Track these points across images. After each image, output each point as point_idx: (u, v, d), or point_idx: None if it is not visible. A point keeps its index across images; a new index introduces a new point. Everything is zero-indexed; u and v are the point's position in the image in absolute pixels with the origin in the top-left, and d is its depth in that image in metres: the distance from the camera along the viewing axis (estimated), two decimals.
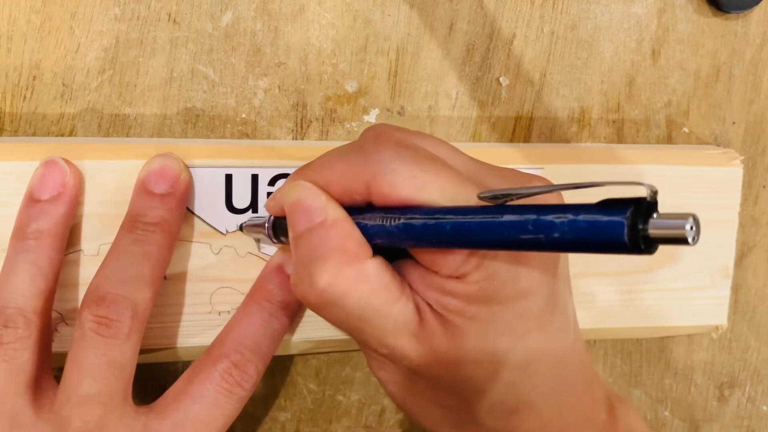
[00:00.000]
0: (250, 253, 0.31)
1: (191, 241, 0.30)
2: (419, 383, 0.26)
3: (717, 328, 0.38)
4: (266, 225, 0.29)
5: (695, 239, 0.18)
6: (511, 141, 0.36)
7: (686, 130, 0.38)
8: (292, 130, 0.33)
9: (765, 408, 0.43)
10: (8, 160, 0.29)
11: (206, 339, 0.32)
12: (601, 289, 0.35)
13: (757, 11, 0.37)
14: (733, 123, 0.39)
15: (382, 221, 0.24)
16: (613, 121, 0.37)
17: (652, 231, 0.18)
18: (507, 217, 0.21)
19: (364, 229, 0.25)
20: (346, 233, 0.25)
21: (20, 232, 0.28)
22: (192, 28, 0.31)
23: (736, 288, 0.40)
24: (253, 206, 0.31)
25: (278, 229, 0.29)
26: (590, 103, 0.36)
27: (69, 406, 0.26)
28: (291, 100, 0.33)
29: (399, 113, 0.34)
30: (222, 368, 0.28)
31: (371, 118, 0.34)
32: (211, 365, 0.28)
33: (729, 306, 0.38)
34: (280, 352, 0.32)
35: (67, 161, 0.28)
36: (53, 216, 0.28)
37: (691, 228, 0.18)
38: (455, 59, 0.34)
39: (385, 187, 0.24)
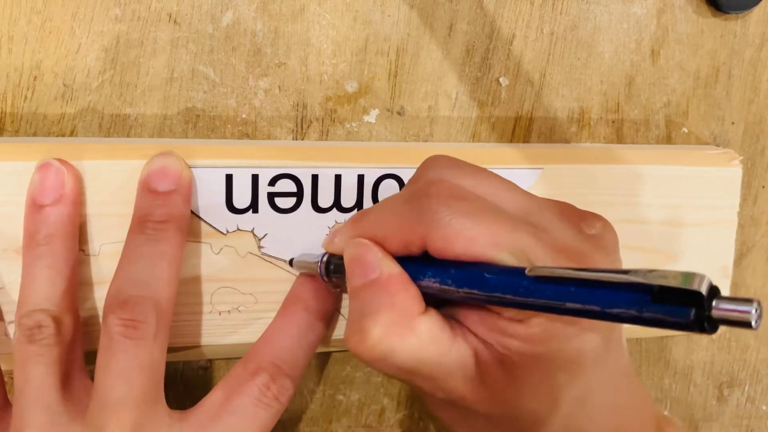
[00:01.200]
0: (251, 254, 0.31)
1: (191, 241, 0.30)
2: (479, 421, 0.27)
3: None
4: (319, 263, 0.30)
5: (758, 323, 0.19)
6: (511, 141, 0.36)
7: (685, 130, 0.38)
8: (293, 131, 0.33)
9: (764, 408, 0.43)
10: (9, 160, 0.29)
11: (207, 339, 0.32)
12: None
13: (757, 12, 0.37)
14: (733, 123, 0.39)
15: (441, 291, 0.25)
16: (613, 122, 0.37)
17: (716, 315, 0.19)
18: (570, 305, 0.21)
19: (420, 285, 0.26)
20: (399, 289, 0.25)
21: (31, 241, 0.28)
22: (192, 29, 0.31)
23: (736, 288, 0.40)
24: (253, 206, 0.31)
25: (330, 267, 0.29)
26: (590, 103, 0.36)
27: (104, 414, 0.26)
28: (291, 100, 0.33)
29: (399, 113, 0.34)
30: (260, 382, 0.28)
31: (371, 118, 0.34)
32: (249, 378, 0.28)
33: None
34: None
35: (62, 161, 0.28)
36: (60, 218, 0.28)
37: (756, 311, 0.19)
38: (455, 59, 0.34)
39: (440, 242, 0.24)
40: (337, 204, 0.32)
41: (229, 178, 0.30)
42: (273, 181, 0.31)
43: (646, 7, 0.36)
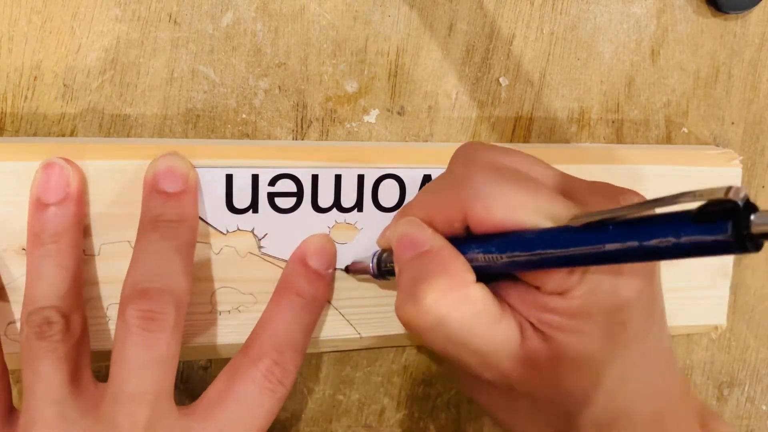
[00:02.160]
0: (251, 254, 0.31)
1: None
2: (520, 401, 0.27)
3: (716, 327, 0.38)
4: (371, 262, 0.31)
5: None
6: (511, 141, 0.36)
7: (685, 130, 0.38)
8: (293, 131, 0.33)
9: (764, 407, 0.43)
10: (9, 160, 0.29)
11: (207, 339, 0.32)
12: None
13: (756, 12, 0.37)
14: (732, 123, 0.39)
15: (486, 260, 0.25)
16: (613, 122, 0.37)
17: (756, 230, 0.18)
18: (609, 246, 0.21)
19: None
20: (453, 258, 0.25)
21: (37, 239, 0.28)
22: (192, 29, 0.31)
23: (735, 288, 0.40)
24: (254, 206, 0.31)
25: (382, 264, 0.30)
26: (590, 103, 0.36)
27: (116, 407, 0.26)
28: (291, 100, 0.33)
29: (399, 113, 0.34)
30: (263, 367, 0.28)
31: (371, 118, 0.34)
32: (251, 365, 0.28)
33: (728, 306, 0.38)
34: None
35: (66, 160, 0.28)
36: (66, 217, 0.28)
37: None
38: (455, 59, 0.34)
39: (480, 211, 0.25)
40: (337, 204, 0.32)
41: (229, 178, 0.30)
42: (273, 181, 0.31)
43: (646, 7, 0.36)
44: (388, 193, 0.32)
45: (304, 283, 0.31)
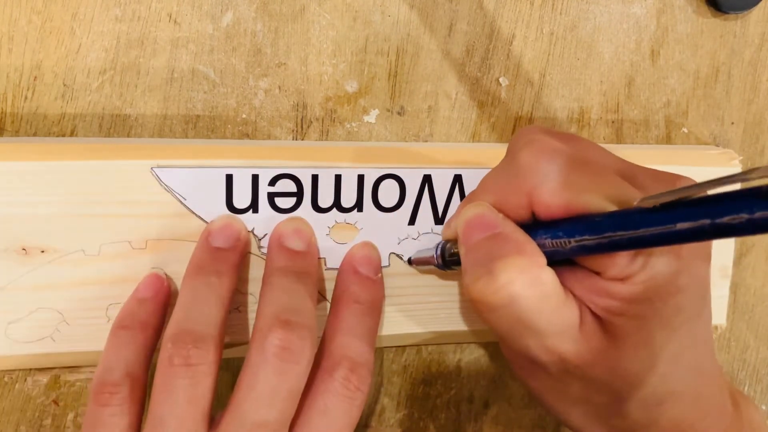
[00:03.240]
0: (251, 254, 0.31)
1: (192, 241, 0.30)
2: (572, 384, 0.27)
3: (716, 327, 0.38)
4: (435, 253, 0.31)
5: None
6: None
7: (685, 130, 0.38)
8: (293, 131, 0.33)
9: (764, 407, 0.43)
10: (9, 160, 0.29)
11: None
12: None
13: (756, 12, 0.37)
14: (732, 123, 0.39)
15: (553, 246, 0.25)
16: (613, 122, 0.37)
17: None
18: (681, 226, 0.21)
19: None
20: (524, 241, 0.26)
21: (201, 270, 0.29)
22: (192, 29, 0.31)
23: (735, 287, 0.40)
24: (254, 206, 0.31)
25: (446, 254, 0.30)
26: (589, 103, 0.36)
27: None
28: (291, 100, 0.33)
29: (399, 113, 0.34)
30: (340, 376, 0.28)
31: (371, 118, 0.34)
32: (327, 376, 0.28)
33: (728, 305, 0.38)
34: None
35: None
36: (231, 262, 0.29)
37: None
38: (455, 59, 0.34)
39: (546, 195, 0.25)
40: (337, 204, 0.32)
41: (229, 178, 0.30)
42: (273, 181, 0.31)
43: (646, 7, 0.36)
44: (388, 193, 0.32)
45: (359, 290, 0.31)
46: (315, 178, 0.31)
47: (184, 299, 0.28)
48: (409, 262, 0.33)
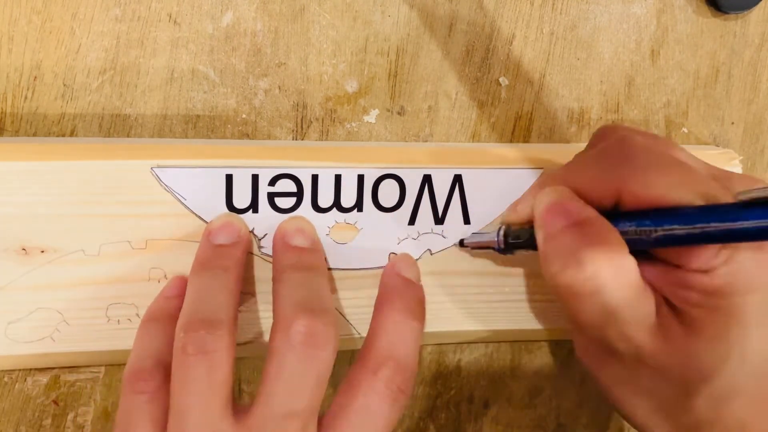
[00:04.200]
0: (251, 254, 0.31)
1: (192, 241, 0.30)
2: (643, 375, 0.27)
3: None
4: (497, 236, 0.31)
5: None
6: (511, 141, 0.36)
7: (685, 130, 0.38)
8: (293, 131, 0.33)
9: None
10: (9, 160, 0.29)
11: None
12: None
13: (756, 12, 0.37)
14: (732, 123, 0.39)
15: (636, 234, 0.25)
16: (613, 122, 0.37)
17: None
18: None
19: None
20: (609, 230, 0.26)
21: (206, 265, 0.29)
22: (192, 29, 0.31)
23: None
24: (254, 206, 0.31)
25: (509, 237, 0.30)
26: (589, 103, 0.36)
27: (271, 424, 0.26)
28: (291, 100, 0.33)
29: (399, 113, 0.34)
30: (384, 376, 0.28)
31: (371, 118, 0.34)
32: (371, 375, 0.28)
33: None
34: None
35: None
36: (235, 257, 0.30)
37: None
38: (455, 59, 0.34)
39: (639, 187, 0.25)
40: (337, 204, 0.32)
41: (229, 178, 0.30)
42: (273, 181, 0.31)
43: (646, 7, 0.36)
44: (388, 193, 0.32)
45: (406, 292, 0.31)
46: (315, 178, 0.31)
47: (193, 293, 0.28)
48: (461, 244, 0.33)
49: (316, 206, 0.32)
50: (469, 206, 0.33)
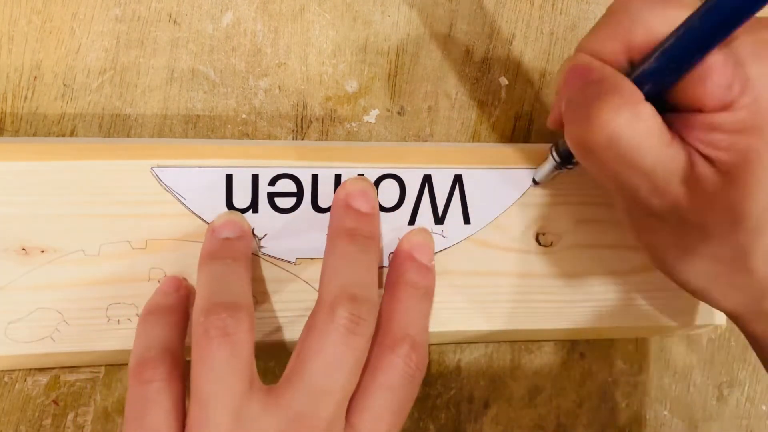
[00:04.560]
0: (252, 254, 0.31)
1: (192, 241, 0.30)
2: (691, 235, 0.26)
3: (716, 327, 0.38)
4: (552, 152, 0.31)
5: None
6: (511, 141, 0.36)
7: None
8: (292, 130, 0.33)
9: (764, 407, 0.43)
10: (9, 160, 0.29)
11: None
12: (601, 289, 0.35)
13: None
14: None
15: (655, 62, 0.25)
16: None
17: None
18: None
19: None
20: (622, 80, 0.25)
21: (215, 255, 0.29)
22: (192, 29, 0.31)
23: None
24: (254, 206, 0.31)
25: (560, 150, 0.31)
26: None
27: (305, 399, 0.26)
28: (291, 100, 0.33)
29: (399, 113, 0.34)
30: (402, 353, 0.28)
31: (371, 118, 0.34)
32: (390, 352, 0.28)
33: None
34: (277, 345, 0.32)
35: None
36: (242, 250, 0.30)
37: None
38: (455, 59, 0.34)
39: (642, 34, 0.25)
40: None
41: (229, 178, 0.30)
42: (273, 181, 0.31)
43: None
44: (388, 193, 0.32)
45: (416, 275, 0.31)
46: (315, 178, 0.31)
47: (206, 280, 0.28)
48: (534, 182, 0.33)
49: (316, 206, 0.32)
50: (469, 206, 0.33)
